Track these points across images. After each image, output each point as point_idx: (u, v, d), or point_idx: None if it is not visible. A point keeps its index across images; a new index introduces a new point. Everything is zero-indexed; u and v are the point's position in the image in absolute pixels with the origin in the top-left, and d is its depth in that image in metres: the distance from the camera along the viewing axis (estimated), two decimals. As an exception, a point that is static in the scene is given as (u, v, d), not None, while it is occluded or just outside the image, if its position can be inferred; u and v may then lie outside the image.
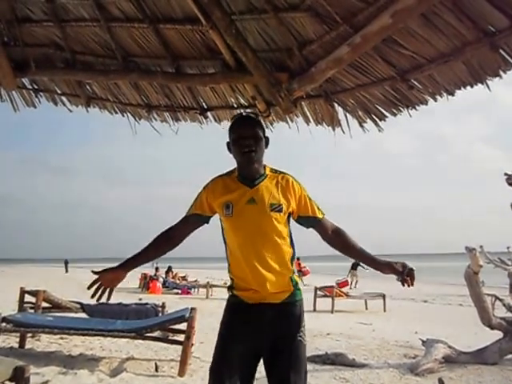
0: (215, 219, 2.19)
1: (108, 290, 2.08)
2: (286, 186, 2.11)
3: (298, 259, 25.11)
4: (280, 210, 2.06)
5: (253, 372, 2.03)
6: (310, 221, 2.16)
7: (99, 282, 2.06)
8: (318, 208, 2.17)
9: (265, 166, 2.16)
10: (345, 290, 15.25)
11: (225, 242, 2.15)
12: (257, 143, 2.08)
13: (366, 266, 2.22)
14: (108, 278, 2.07)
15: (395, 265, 2.04)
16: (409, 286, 2.00)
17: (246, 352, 2.00)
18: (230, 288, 2.15)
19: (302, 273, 24.79)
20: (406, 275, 1.99)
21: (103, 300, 2.10)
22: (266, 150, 2.16)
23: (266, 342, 2.02)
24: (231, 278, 2.14)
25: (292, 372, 1.97)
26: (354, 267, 22.54)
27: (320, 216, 2.16)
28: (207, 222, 2.18)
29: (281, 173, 2.17)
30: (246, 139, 2.06)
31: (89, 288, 2.06)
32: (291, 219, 2.15)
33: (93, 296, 2.06)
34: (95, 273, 2.08)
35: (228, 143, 2.15)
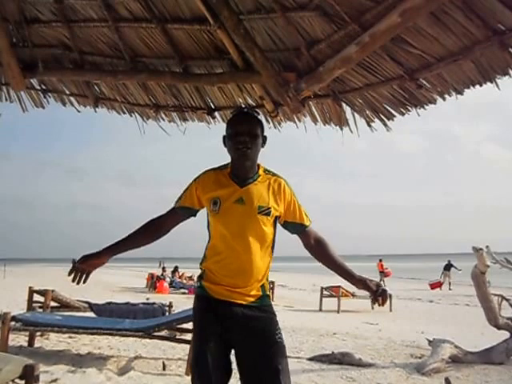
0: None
1: (86, 273, 2.06)
2: (277, 189, 2.08)
3: (381, 260, 25.14)
4: (268, 214, 2.03)
5: (229, 367, 2.01)
6: (296, 227, 2.14)
7: (78, 269, 2.05)
8: (306, 215, 2.14)
9: (259, 166, 2.12)
10: (434, 291, 14.68)
11: (209, 235, 2.13)
12: (252, 141, 2.03)
13: (459, 267, 2.21)
14: (89, 263, 2.06)
15: (370, 283, 2.06)
16: (379, 305, 2.04)
17: (222, 347, 1.98)
18: (199, 277, 2.13)
19: (384, 274, 24.85)
20: (378, 295, 2.03)
21: (82, 283, 2.07)
22: (262, 149, 2.11)
23: (237, 340, 1.99)
24: (203, 270, 2.11)
25: (280, 374, 1.94)
26: (447, 268, 21.75)
27: (307, 223, 2.14)
28: (194, 216, 2.16)
29: (274, 175, 2.13)
30: (242, 135, 2.02)
31: (69, 275, 2.05)
32: (277, 223, 2.13)
33: (73, 280, 2.05)
34: (77, 261, 2.06)
35: (224, 137, 2.12)
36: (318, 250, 2.15)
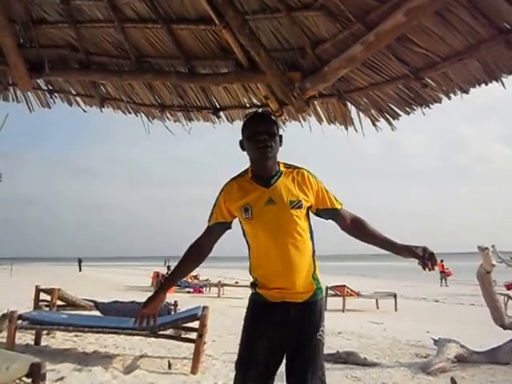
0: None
1: (152, 316, 2.15)
2: (302, 180, 2.10)
3: (442, 261, 25.29)
4: (300, 207, 2.04)
5: (275, 369, 2.05)
6: (329, 213, 2.15)
7: (143, 315, 2.14)
8: (336, 199, 2.16)
9: (278, 163, 2.13)
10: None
11: (247, 243, 2.14)
12: (272, 139, 2.05)
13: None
14: (152, 307, 2.14)
15: (415, 249, 2.04)
16: (430, 269, 2.01)
17: (270, 349, 2.01)
18: (252, 285, 2.15)
19: (444, 273, 24.89)
20: (426, 259, 1.99)
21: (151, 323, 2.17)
22: (280, 147, 2.13)
23: (289, 340, 2.02)
24: (254, 277, 2.13)
25: (310, 372, 1.97)
26: None
27: (338, 207, 2.15)
28: (230, 228, 2.18)
29: (295, 168, 2.15)
30: (261, 135, 2.04)
31: (135, 323, 2.15)
32: (310, 213, 2.14)
33: (140, 324, 2.14)
34: (142, 307, 2.15)
35: (241, 141, 2.14)
36: (356, 229, 2.17)
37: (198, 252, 2.19)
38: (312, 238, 2.13)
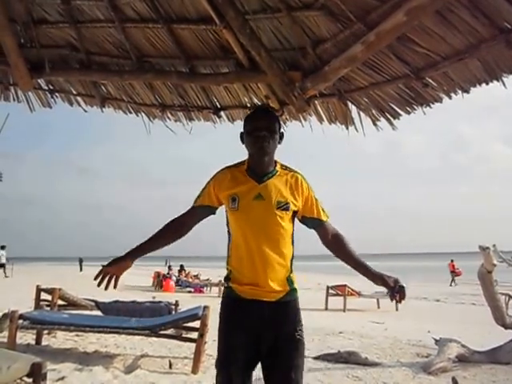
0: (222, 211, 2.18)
1: (114, 278, 2.08)
2: (294, 184, 2.11)
3: (452, 261, 25.20)
4: (286, 209, 2.05)
5: (255, 365, 2.03)
6: (313, 222, 2.16)
7: (106, 272, 2.06)
8: (323, 210, 2.17)
9: (275, 162, 2.15)
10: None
11: (228, 233, 2.15)
12: (271, 135, 2.06)
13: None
14: (116, 268, 2.08)
15: (388, 279, 2.06)
16: (397, 302, 2.03)
17: (247, 345, 2.00)
18: (226, 278, 2.14)
19: (455, 273, 24.85)
20: (396, 291, 2.01)
21: (110, 287, 2.08)
22: (279, 145, 2.15)
23: (264, 339, 2.01)
24: (229, 269, 2.13)
25: (293, 371, 1.98)
26: None
27: (324, 219, 2.16)
28: (214, 213, 2.18)
29: (291, 170, 2.16)
30: (261, 131, 2.05)
31: (95, 278, 2.05)
32: (295, 218, 2.15)
33: (99, 285, 2.06)
34: (106, 266, 2.08)
35: (241, 134, 2.15)
36: (335, 245, 2.18)
37: (177, 228, 2.17)
38: (293, 242, 2.13)
